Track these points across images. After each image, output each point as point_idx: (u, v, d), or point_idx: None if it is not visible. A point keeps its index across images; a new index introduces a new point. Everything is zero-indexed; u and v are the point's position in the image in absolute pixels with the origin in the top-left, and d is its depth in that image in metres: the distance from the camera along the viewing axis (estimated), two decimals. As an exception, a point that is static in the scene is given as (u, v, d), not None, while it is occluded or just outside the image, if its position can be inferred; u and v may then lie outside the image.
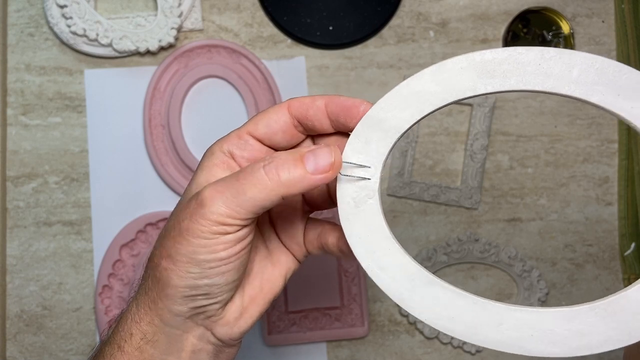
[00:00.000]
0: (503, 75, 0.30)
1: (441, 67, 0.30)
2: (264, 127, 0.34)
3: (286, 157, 0.31)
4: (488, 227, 0.60)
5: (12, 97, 0.60)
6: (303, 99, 0.34)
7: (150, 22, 0.60)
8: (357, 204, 0.32)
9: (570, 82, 0.29)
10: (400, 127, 0.31)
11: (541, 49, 0.29)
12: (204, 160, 0.34)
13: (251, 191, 0.31)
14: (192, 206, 0.31)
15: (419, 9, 0.62)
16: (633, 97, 0.29)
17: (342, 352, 0.59)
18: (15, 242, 0.59)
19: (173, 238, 0.32)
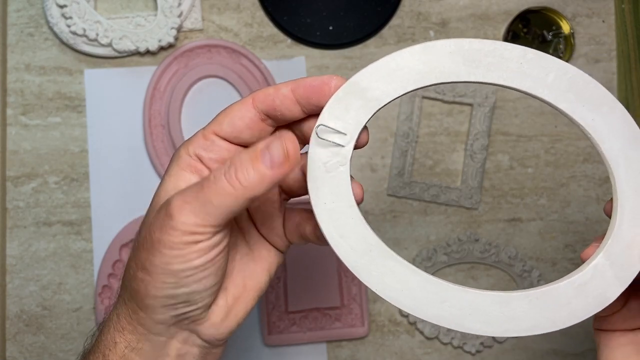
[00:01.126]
0: (487, 68, 0.31)
1: (429, 47, 0.31)
2: (228, 126, 0.33)
3: (244, 157, 0.30)
4: (488, 227, 0.60)
5: (12, 97, 0.60)
6: (266, 90, 0.32)
7: (150, 22, 0.60)
8: (328, 170, 0.31)
9: (545, 86, 0.31)
10: (382, 99, 0.31)
11: (524, 49, 0.31)
12: (171, 164, 0.33)
13: (217, 199, 0.30)
14: (161, 217, 0.30)
15: (419, 9, 0.62)
16: (594, 110, 0.30)
17: (342, 352, 0.59)
18: (15, 242, 0.59)
19: (146, 250, 0.31)
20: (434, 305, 0.31)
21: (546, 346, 0.60)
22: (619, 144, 0.30)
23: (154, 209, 0.32)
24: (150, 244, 0.31)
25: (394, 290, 0.32)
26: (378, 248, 0.32)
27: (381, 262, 0.32)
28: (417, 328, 0.59)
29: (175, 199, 0.30)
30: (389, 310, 0.60)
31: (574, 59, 0.61)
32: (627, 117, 0.30)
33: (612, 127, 0.30)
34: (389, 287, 0.32)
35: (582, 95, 0.30)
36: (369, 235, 0.32)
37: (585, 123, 0.30)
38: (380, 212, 0.60)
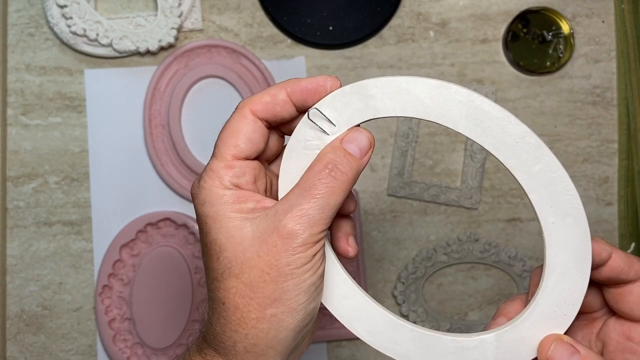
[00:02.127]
0: (484, 130, 0.31)
1: (444, 87, 0.31)
2: (246, 145, 0.33)
3: (336, 155, 0.32)
4: (488, 227, 0.60)
5: (12, 97, 0.60)
6: (262, 99, 0.33)
7: (150, 22, 0.60)
8: (306, 148, 0.33)
9: (526, 172, 0.31)
10: (380, 112, 0.32)
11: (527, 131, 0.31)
12: (215, 206, 0.32)
13: (332, 199, 0.31)
14: (278, 243, 0.31)
15: (419, 9, 0.62)
16: (560, 216, 0.31)
17: (342, 352, 0.59)
18: (15, 242, 0.59)
19: (273, 282, 0.31)
20: (337, 299, 0.34)
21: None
22: (565, 257, 0.31)
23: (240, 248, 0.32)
24: (277, 273, 0.31)
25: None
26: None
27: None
28: (417, 328, 0.59)
29: (287, 219, 0.31)
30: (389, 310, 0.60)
31: (574, 59, 0.61)
32: (586, 238, 0.31)
33: (566, 239, 0.31)
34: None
35: (556, 197, 0.31)
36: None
37: (545, 222, 0.31)
38: (380, 212, 0.60)
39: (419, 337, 0.33)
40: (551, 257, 0.31)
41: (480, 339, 0.32)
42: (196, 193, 0.33)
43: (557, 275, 0.31)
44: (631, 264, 0.33)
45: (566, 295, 0.31)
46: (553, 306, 0.31)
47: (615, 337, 0.34)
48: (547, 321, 0.31)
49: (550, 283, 0.31)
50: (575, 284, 0.31)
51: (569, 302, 0.31)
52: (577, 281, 0.31)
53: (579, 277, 0.31)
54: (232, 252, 0.32)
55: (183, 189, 0.59)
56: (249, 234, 0.32)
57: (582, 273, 0.31)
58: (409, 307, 0.59)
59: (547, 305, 0.32)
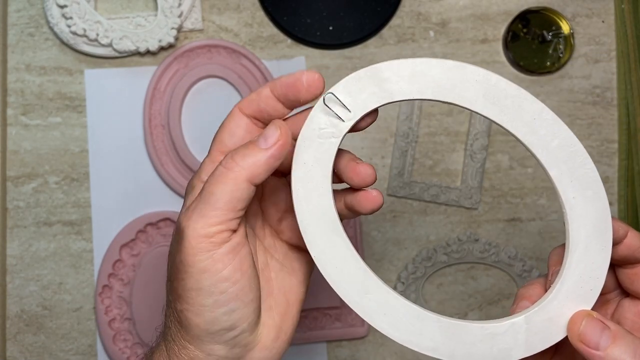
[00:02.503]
0: (501, 109, 0.31)
1: (460, 68, 0.31)
2: (229, 138, 0.34)
3: (241, 146, 0.31)
4: (488, 227, 0.60)
5: (12, 97, 0.60)
6: (249, 97, 0.34)
7: (150, 22, 0.60)
8: (320, 136, 0.32)
9: (545, 148, 0.31)
10: (396, 95, 0.32)
11: (544, 108, 0.31)
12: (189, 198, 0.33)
13: (218, 188, 0.30)
14: (175, 240, 0.31)
15: (419, 9, 0.62)
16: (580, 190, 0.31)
17: (342, 352, 0.59)
18: (15, 242, 0.59)
19: (176, 279, 0.31)
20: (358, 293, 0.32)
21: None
22: (586, 231, 0.31)
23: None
24: (177, 271, 0.31)
25: (329, 265, 0.32)
26: (331, 222, 0.32)
27: (329, 234, 0.32)
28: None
29: (181, 215, 0.31)
30: (389, 310, 0.60)
31: (574, 59, 0.61)
32: (606, 210, 0.31)
33: (587, 213, 0.31)
34: (327, 261, 0.32)
35: (575, 172, 0.31)
36: (330, 210, 0.32)
37: (565, 197, 0.31)
38: (380, 212, 0.60)
39: (446, 326, 0.32)
40: (574, 233, 0.31)
41: (510, 322, 0.31)
42: (188, 191, 0.34)
43: (581, 251, 0.31)
44: None
45: (591, 270, 0.31)
46: (579, 282, 0.31)
47: (630, 317, 0.34)
48: (574, 298, 0.31)
49: (574, 259, 0.31)
50: (599, 256, 0.31)
51: (594, 276, 0.31)
52: (601, 254, 0.31)
53: (602, 249, 0.31)
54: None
55: (183, 189, 0.59)
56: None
57: (605, 245, 0.31)
58: (409, 307, 0.59)
59: (573, 281, 0.31)
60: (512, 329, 0.31)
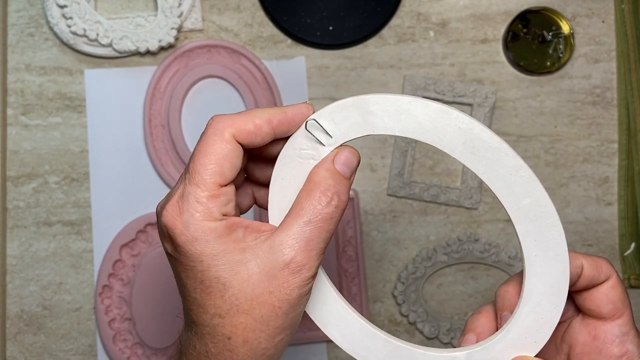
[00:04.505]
0: (479, 159, 0.32)
1: (445, 112, 0.32)
2: (231, 171, 0.32)
3: (334, 181, 0.32)
4: (488, 227, 0.60)
5: (12, 97, 0.60)
6: (245, 126, 0.32)
7: (150, 22, 0.60)
8: (300, 156, 0.33)
9: (515, 204, 0.32)
10: (378, 129, 0.33)
11: (522, 165, 0.32)
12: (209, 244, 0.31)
13: (333, 225, 0.32)
14: (289, 279, 0.31)
15: (419, 9, 0.62)
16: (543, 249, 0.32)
17: (342, 352, 0.59)
18: (15, 242, 0.59)
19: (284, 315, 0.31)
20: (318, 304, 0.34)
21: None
22: (542, 288, 0.32)
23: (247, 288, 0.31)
24: (289, 306, 0.31)
25: None
26: None
27: None
28: (417, 328, 0.59)
29: (296, 255, 0.31)
30: (388, 310, 0.60)
31: (574, 59, 0.61)
32: (564, 273, 0.32)
33: (546, 272, 0.32)
34: None
35: (542, 232, 0.32)
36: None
37: (527, 253, 0.32)
38: (380, 212, 0.60)
39: (392, 347, 0.34)
40: (529, 287, 0.32)
41: (452, 356, 0.33)
42: (180, 228, 0.31)
43: (532, 305, 0.32)
44: (599, 268, 0.34)
45: (539, 324, 0.32)
46: (525, 333, 0.32)
47: (581, 339, 0.35)
48: (517, 346, 0.33)
49: (525, 311, 0.32)
50: (549, 314, 0.32)
51: (540, 330, 0.32)
52: (551, 312, 0.32)
53: (554, 308, 0.32)
54: (240, 288, 0.31)
55: (183, 189, 0.59)
56: (255, 269, 0.31)
57: (557, 305, 0.32)
58: (409, 307, 0.59)
59: (519, 331, 0.33)
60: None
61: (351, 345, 0.34)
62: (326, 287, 0.34)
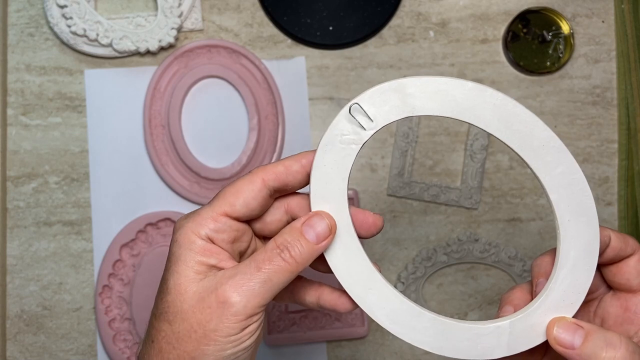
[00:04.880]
0: (513, 133, 0.33)
1: (481, 90, 0.33)
2: (243, 207, 0.34)
3: (291, 237, 0.33)
4: (488, 227, 0.60)
5: (12, 97, 0.60)
6: (275, 168, 0.34)
7: (150, 22, 0.60)
8: (342, 142, 0.34)
9: (548, 173, 0.34)
10: (417, 110, 0.34)
11: (553, 136, 0.33)
12: (182, 249, 0.33)
13: (277, 277, 0.32)
14: (213, 306, 0.32)
15: (419, 9, 0.62)
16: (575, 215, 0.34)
17: (342, 352, 0.59)
18: (15, 242, 0.59)
19: (196, 340, 0.32)
20: (361, 287, 0.35)
21: (546, 346, 0.60)
22: (576, 252, 0.34)
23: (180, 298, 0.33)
24: (203, 334, 0.32)
25: (339, 263, 0.35)
26: (345, 224, 0.35)
27: (341, 234, 0.35)
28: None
29: (228, 285, 0.32)
30: (389, 310, 0.60)
31: (574, 59, 0.61)
32: (595, 236, 0.34)
33: (579, 236, 0.34)
34: (337, 252, 0.35)
35: (573, 198, 0.34)
36: (344, 209, 0.34)
37: (561, 220, 0.34)
38: (380, 212, 0.60)
39: (438, 324, 0.35)
40: (564, 252, 0.34)
41: (495, 325, 0.34)
42: (176, 229, 0.34)
43: (568, 268, 0.34)
44: (627, 242, 0.35)
45: (574, 286, 0.34)
46: (563, 295, 0.34)
47: (613, 311, 0.36)
48: (556, 309, 0.34)
49: (561, 275, 0.34)
50: (583, 275, 0.34)
51: (576, 291, 0.34)
52: (585, 273, 0.34)
53: (587, 269, 0.34)
54: (174, 298, 0.33)
55: (183, 189, 0.59)
56: (193, 287, 0.32)
57: (590, 266, 0.34)
58: (409, 307, 0.59)
59: (557, 295, 0.34)
60: (496, 331, 0.34)
61: (399, 327, 0.35)
62: (371, 271, 0.35)
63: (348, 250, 0.35)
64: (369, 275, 0.35)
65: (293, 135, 0.60)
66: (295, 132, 0.60)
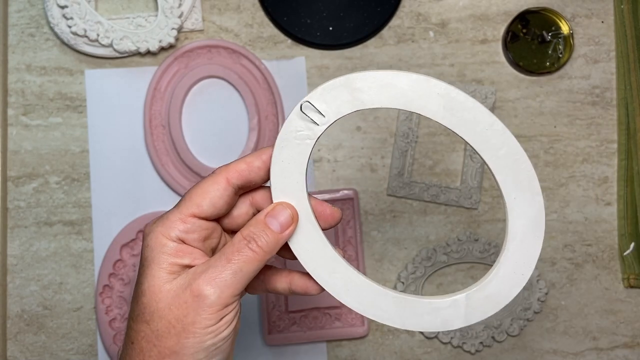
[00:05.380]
0: (458, 119, 0.35)
1: (423, 81, 0.35)
2: (209, 207, 0.36)
3: (256, 229, 0.35)
4: (488, 227, 0.60)
5: (13, 97, 0.60)
6: (237, 167, 0.36)
7: (150, 22, 0.60)
8: (296, 137, 0.36)
9: (493, 155, 0.35)
10: (367, 104, 0.35)
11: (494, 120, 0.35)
12: (154, 253, 0.35)
13: (246, 267, 0.34)
14: (189, 300, 0.33)
15: (419, 9, 0.62)
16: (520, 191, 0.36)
17: (342, 352, 0.59)
18: (16, 242, 0.59)
19: (176, 335, 0.33)
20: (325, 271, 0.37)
21: (546, 346, 0.60)
22: (523, 226, 0.36)
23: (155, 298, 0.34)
24: (181, 329, 0.33)
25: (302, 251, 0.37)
26: (305, 214, 0.37)
27: (303, 222, 0.37)
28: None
29: (201, 279, 0.33)
30: (388, 310, 0.60)
31: (573, 59, 0.61)
32: (540, 209, 0.36)
33: (525, 211, 0.36)
34: (298, 245, 0.37)
35: (518, 176, 0.35)
36: (303, 199, 0.36)
37: (508, 198, 0.36)
38: (380, 212, 0.60)
39: (400, 301, 0.37)
40: (512, 227, 0.36)
41: (453, 299, 0.37)
42: (146, 234, 0.36)
43: (517, 242, 0.36)
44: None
45: (524, 257, 0.36)
46: (514, 267, 0.36)
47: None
48: (508, 281, 0.36)
49: (511, 247, 0.36)
50: (532, 248, 0.36)
51: (526, 263, 0.36)
52: (534, 245, 0.36)
53: (535, 241, 0.36)
54: (149, 299, 0.34)
55: (183, 189, 0.59)
56: (167, 286, 0.34)
57: (538, 237, 0.36)
58: (409, 306, 0.59)
59: (508, 267, 0.36)
60: (454, 304, 0.37)
61: (365, 307, 0.37)
62: (334, 256, 0.37)
63: (310, 237, 0.37)
64: (332, 259, 0.37)
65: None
66: (295, 132, 0.60)
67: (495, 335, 0.59)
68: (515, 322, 0.59)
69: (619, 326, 0.60)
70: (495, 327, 0.59)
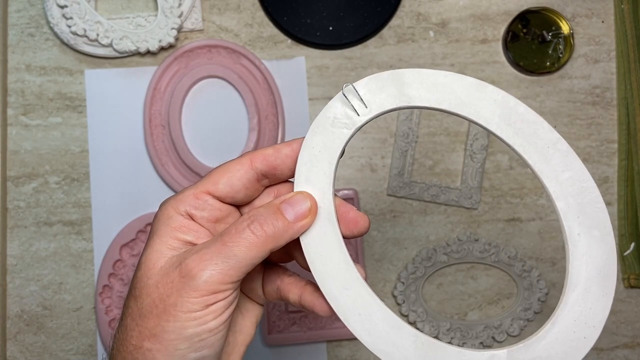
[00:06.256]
0: (515, 131, 0.31)
1: (481, 86, 0.31)
2: (226, 187, 0.33)
3: (265, 211, 0.31)
4: (488, 227, 0.60)
5: (13, 97, 0.60)
6: (265, 152, 0.33)
7: (150, 22, 0.60)
8: (333, 124, 0.32)
9: (555, 179, 0.30)
10: (414, 101, 0.32)
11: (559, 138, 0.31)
12: (160, 224, 0.32)
13: (241, 251, 0.30)
14: (175, 280, 0.30)
15: (419, 9, 0.62)
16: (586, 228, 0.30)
17: (342, 352, 0.59)
18: (15, 242, 0.59)
19: (157, 316, 0.30)
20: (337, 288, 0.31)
21: (546, 346, 0.60)
22: (588, 272, 0.29)
23: (148, 273, 0.31)
24: (163, 309, 0.30)
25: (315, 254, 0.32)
26: (326, 208, 0.32)
27: (323, 221, 0.32)
28: (417, 328, 0.59)
29: (191, 258, 0.30)
30: (388, 310, 0.60)
31: (573, 59, 0.61)
32: (612, 254, 0.29)
33: (591, 253, 0.30)
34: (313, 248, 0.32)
35: (584, 208, 0.30)
36: (328, 195, 0.32)
37: (570, 232, 0.30)
38: (380, 212, 0.60)
39: (422, 343, 0.30)
40: (574, 271, 0.30)
41: (491, 354, 0.30)
42: (159, 207, 0.33)
43: (580, 292, 0.29)
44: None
45: (587, 316, 0.29)
46: (572, 326, 0.29)
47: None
48: (564, 342, 0.29)
49: (571, 299, 0.29)
50: (599, 303, 0.29)
51: (589, 323, 0.29)
52: (601, 301, 0.29)
53: (603, 296, 0.29)
54: (142, 273, 0.32)
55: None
56: (161, 263, 0.31)
57: (606, 292, 0.29)
58: (409, 307, 0.59)
59: (566, 324, 0.29)
60: (492, 358, 0.30)
61: (375, 340, 0.30)
62: (349, 269, 0.31)
63: (327, 240, 0.32)
64: (346, 272, 0.31)
65: (293, 136, 0.60)
66: (295, 132, 0.60)
67: (495, 335, 0.59)
68: (516, 322, 0.59)
69: (619, 326, 0.60)
70: (496, 327, 0.59)
